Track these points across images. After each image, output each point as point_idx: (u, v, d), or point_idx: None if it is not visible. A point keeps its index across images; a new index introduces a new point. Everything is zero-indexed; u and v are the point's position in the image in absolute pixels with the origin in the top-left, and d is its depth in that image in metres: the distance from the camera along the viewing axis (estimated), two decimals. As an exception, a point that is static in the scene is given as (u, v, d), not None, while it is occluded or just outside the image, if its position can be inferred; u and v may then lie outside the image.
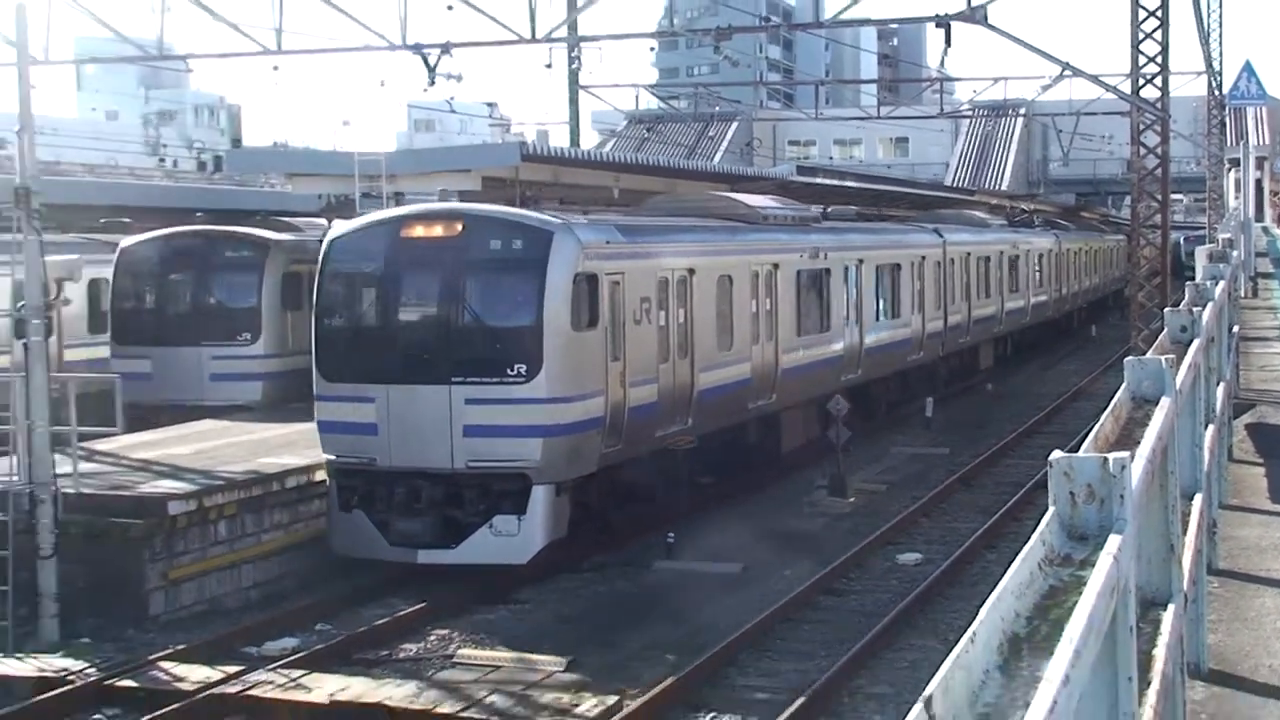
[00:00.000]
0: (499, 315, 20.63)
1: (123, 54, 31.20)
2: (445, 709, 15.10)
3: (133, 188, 45.44)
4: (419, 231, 20.78)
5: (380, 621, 18.38)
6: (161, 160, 68.55)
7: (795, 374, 27.45)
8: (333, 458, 20.49)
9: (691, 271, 23.41)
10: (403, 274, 21.03)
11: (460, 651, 17.23)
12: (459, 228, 20.58)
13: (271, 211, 34.67)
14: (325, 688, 15.73)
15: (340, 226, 21.85)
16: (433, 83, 26.17)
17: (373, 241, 21.18)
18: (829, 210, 35.05)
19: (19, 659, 17.33)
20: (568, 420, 19.75)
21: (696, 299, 23.47)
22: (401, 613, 18.64)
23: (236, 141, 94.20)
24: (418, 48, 24.41)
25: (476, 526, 19.57)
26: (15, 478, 18.91)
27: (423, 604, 18.90)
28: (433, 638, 17.82)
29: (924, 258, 36.72)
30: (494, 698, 15.43)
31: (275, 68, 34.33)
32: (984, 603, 2.97)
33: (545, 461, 19.51)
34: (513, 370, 19.68)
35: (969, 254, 41.12)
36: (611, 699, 15.22)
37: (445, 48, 24.79)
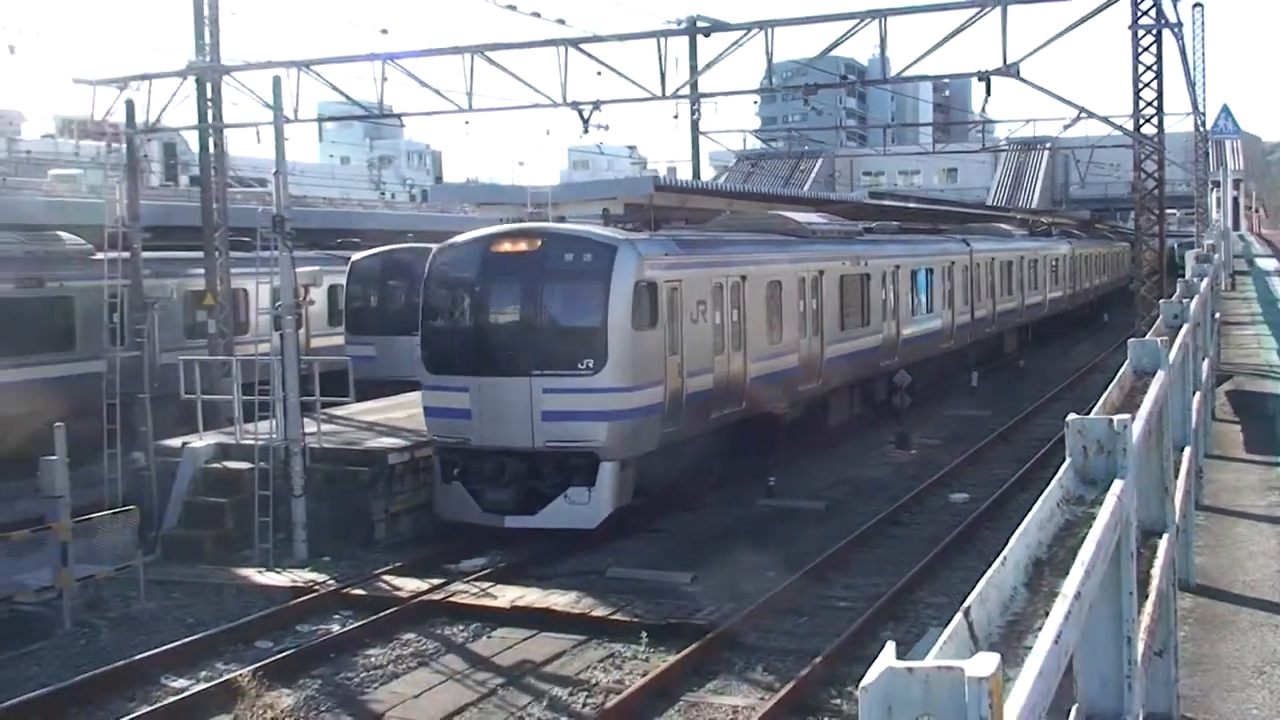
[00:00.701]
0: (571, 317, 19.10)
1: (352, 113, 31.60)
2: (599, 612, 15.17)
3: (360, 215, 46.00)
4: (505, 247, 19.38)
5: (548, 546, 18.47)
6: (382, 194, 69.39)
7: (839, 362, 26.04)
8: (435, 437, 19.50)
9: (744, 278, 21.92)
10: (491, 283, 19.44)
11: (610, 569, 17.28)
12: (538, 244, 19.23)
13: (465, 232, 34.88)
14: (507, 595, 15.88)
15: (443, 244, 20.44)
16: (586, 131, 26.16)
17: (467, 256, 19.76)
18: (874, 225, 33.62)
19: (278, 573, 17.66)
20: (630, 406, 18.52)
21: (748, 301, 22.01)
22: (563, 539, 18.69)
23: (438, 179, 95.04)
24: (575, 104, 24.42)
25: (554, 496, 18.48)
26: (274, 436, 19.27)
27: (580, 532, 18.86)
28: (590, 557, 17.88)
29: (953, 263, 35.01)
30: (637, 604, 15.47)
31: (467, 122, 34.59)
32: (1014, 533, 2.93)
33: (611, 442, 18.35)
34: (583, 364, 18.37)
35: (993, 259, 39.46)
36: (728, 605, 15.22)
37: (596, 104, 24.78)
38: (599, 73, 24.46)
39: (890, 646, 1.95)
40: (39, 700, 12.75)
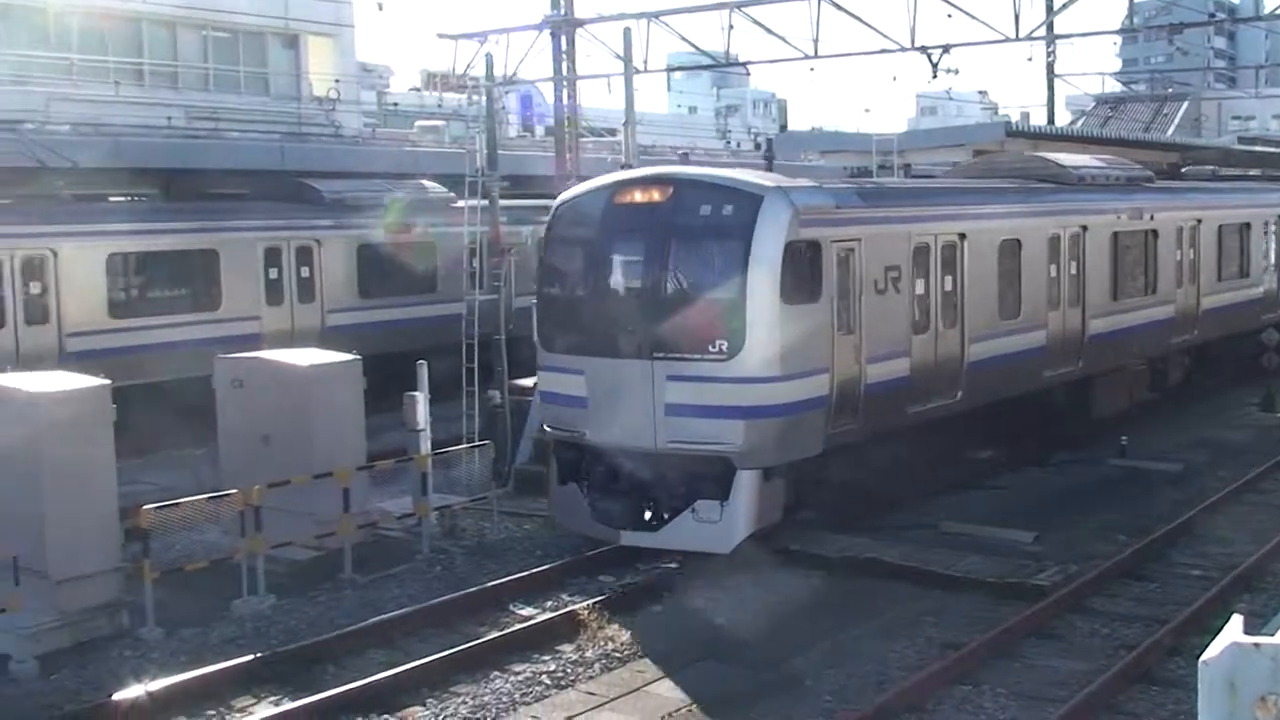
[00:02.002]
0: (702, 286, 15.19)
1: (700, 63, 31.94)
2: (932, 567, 14.98)
3: (705, 164, 46.52)
4: (632, 197, 15.78)
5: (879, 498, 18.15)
6: (727, 143, 69.78)
7: (1108, 339, 21.36)
8: (549, 429, 16.49)
9: (962, 236, 17.80)
10: (611, 242, 15.83)
11: (945, 523, 16.97)
12: (669, 192, 15.50)
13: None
14: (837, 544, 15.78)
15: (567, 192, 17.05)
16: (935, 76, 25.50)
17: (589, 208, 16.16)
18: (1185, 169, 29.18)
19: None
20: (777, 401, 14.74)
21: (969, 265, 17.88)
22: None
23: (783, 127, 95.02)
24: (923, 49, 23.90)
25: (679, 510, 15.05)
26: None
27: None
28: (924, 510, 17.49)
29: None
30: (972, 560, 15.19)
31: (812, 69, 34.42)
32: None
33: (749, 446, 14.66)
34: (714, 347, 14.70)
35: None
36: (1072, 567, 14.78)
37: (945, 48, 24.15)
38: (949, 15, 23.92)
39: (1236, 620, 1.86)
40: (400, 618, 13.65)
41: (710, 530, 14.79)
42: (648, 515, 15.26)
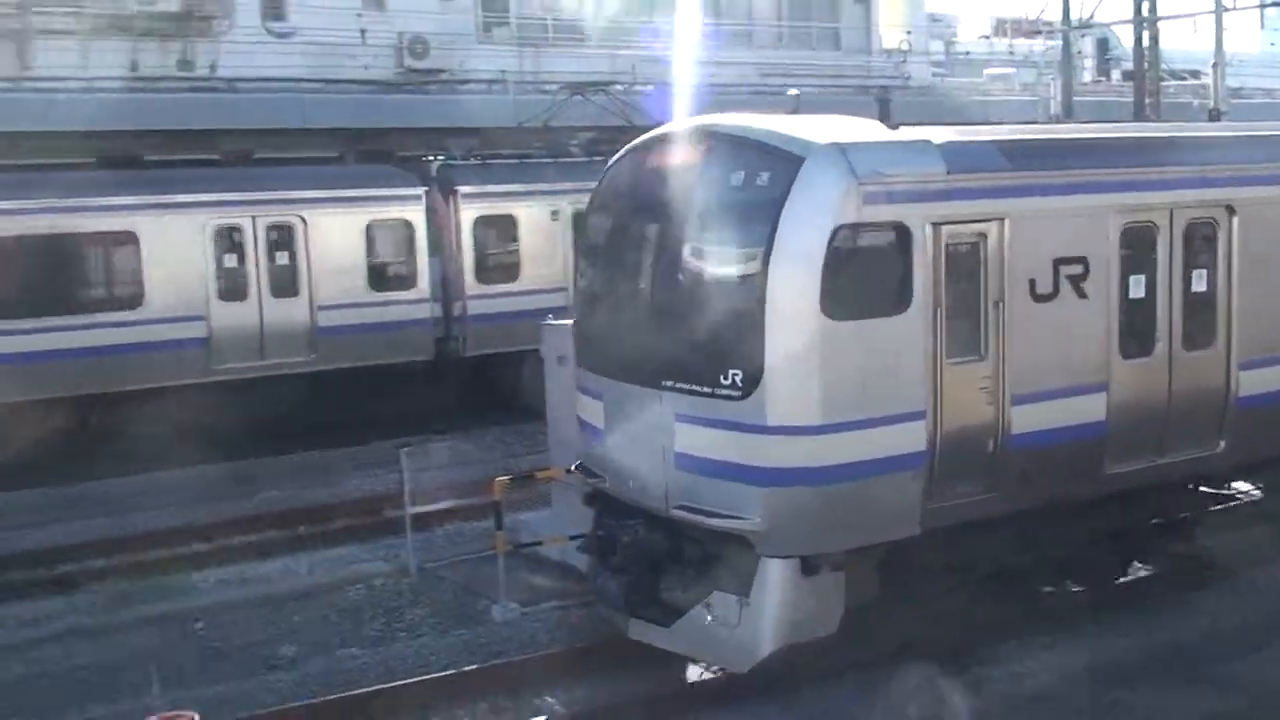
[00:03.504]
0: (714, 291, 10.31)
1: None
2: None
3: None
4: (663, 160, 11.04)
5: None
6: (1328, 83, 63.68)
7: None
8: (578, 466, 12.01)
9: (1230, 210, 11.93)
10: (631, 223, 11.33)
11: None
12: (701, 153, 10.70)
13: None
14: None
15: (620, 152, 12.00)
16: None
17: (625, 174, 11.56)
18: None
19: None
20: (817, 461, 9.74)
21: (1240, 253, 11.99)
22: None
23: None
24: None
25: (693, 600, 10.42)
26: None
27: None
28: None
29: None
30: None
31: None
32: None
33: (773, 524, 9.77)
34: (726, 379, 9.85)
35: None
36: None
37: None
38: None
39: None
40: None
41: (726, 636, 10.20)
42: (659, 600, 10.77)
